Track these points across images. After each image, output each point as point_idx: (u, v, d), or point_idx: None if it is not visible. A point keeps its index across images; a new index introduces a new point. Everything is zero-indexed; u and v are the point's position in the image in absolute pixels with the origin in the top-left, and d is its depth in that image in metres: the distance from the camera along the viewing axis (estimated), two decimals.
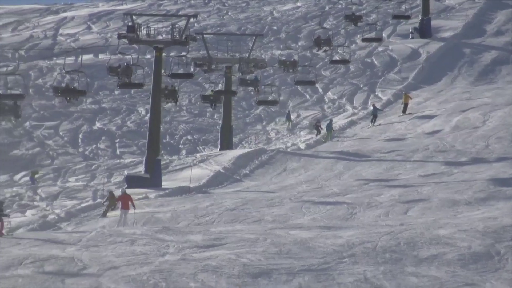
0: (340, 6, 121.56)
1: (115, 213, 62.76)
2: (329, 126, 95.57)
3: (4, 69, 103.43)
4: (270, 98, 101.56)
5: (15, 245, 51.08)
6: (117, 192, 58.65)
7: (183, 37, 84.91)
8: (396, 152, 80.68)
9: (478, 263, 46.62)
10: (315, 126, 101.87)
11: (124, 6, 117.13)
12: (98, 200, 73.25)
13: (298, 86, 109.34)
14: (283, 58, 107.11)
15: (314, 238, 52.76)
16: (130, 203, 59.18)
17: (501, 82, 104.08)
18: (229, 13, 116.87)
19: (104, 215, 56.20)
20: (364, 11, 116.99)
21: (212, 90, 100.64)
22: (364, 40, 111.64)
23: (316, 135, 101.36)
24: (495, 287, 42.63)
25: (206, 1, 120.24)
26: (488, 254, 47.69)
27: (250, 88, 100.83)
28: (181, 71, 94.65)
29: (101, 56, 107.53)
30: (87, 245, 52.23)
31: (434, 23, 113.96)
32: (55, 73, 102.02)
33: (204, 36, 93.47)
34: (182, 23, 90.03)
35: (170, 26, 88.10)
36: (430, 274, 44.74)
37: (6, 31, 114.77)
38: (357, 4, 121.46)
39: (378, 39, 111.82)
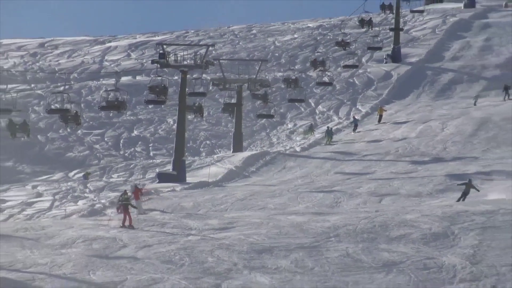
0: (328, 37, 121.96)
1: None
2: (330, 132, 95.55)
3: (62, 88, 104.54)
4: (272, 111, 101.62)
5: (69, 228, 54.30)
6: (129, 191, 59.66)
7: (203, 62, 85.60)
8: (372, 153, 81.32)
9: (437, 241, 49.62)
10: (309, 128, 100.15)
11: (157, 38, 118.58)
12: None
13: (296, 97, 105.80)
14: (285, 77, 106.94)
15: (307, 222, 54.57)
16: (139, 193, 62.11)
17: (456, 97, 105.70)
18: (240, 43, 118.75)
19: (118, 209, 54.70)
20: (348, 41, 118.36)
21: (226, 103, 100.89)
22: (344, 66, 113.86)
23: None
24: (451, 260, 44.09)
25: (221, 34, 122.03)
26: (445, 234, 50.93)
27: (257, 103, 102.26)
28: (201, 89, 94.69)
29: (138, 78, 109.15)
30: (127, 228, 52.85)
31: (403, 50, 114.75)
32: (101, 91, 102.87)
33: (220, 61, 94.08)
34: (203, 51, 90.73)
35: (193, 54, 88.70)
36: (399, 250, 48.12)
37: (63, 57, 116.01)
38: (344, 33, 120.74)
39: (355, 66, 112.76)
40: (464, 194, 55.61)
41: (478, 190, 56.49)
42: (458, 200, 56.79)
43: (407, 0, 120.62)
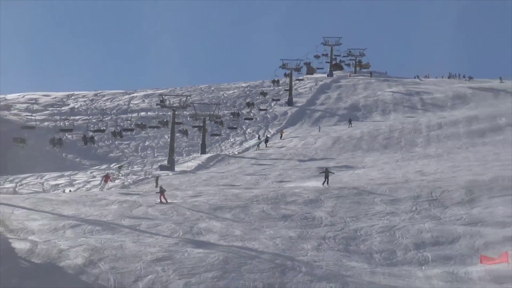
0: (254, 91, 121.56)
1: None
2: (258, 144, 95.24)
3: (104, 118, 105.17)
4: (222, 132, 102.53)
5: (110, 195, 55.57)
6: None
7: (184, 105, 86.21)
8: (277, 155, 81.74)
9: (312, 204, 51.90)
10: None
11: (159, 91, 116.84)
12: (146, 176, 75.68)
13: (233, 126, 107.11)
14: (231, 112, 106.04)
15: (241, 193, 55.95)
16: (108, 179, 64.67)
17: (322, 126, 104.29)
18: (205, 94, 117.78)
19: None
20: (266, 91, 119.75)
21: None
22: (259, 109, 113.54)
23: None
24: (319, 214, 48.84)
25: (194, 89, 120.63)
26: (317, 199, 52.87)
27: (213, 126, 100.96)
28: (182, 120, 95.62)
29: (149, 113, 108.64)
30: (144, 194, 53.72)
31: (294, 99, 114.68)
32: (128, 120, 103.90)
33: (194, 104, 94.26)
34: (184, 99, 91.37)
35: (179, 100, 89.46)
36: (291, 208, 51.11)
37: (107, 101, 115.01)
38: (262, 89, 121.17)
39: (265, 109, 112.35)
40: (326, 177, 56.01)
41: (333, 173, 58.52)
42: (323, 184, 56.34)
43: (297, 71, 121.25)
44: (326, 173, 53.57)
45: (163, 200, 50.52)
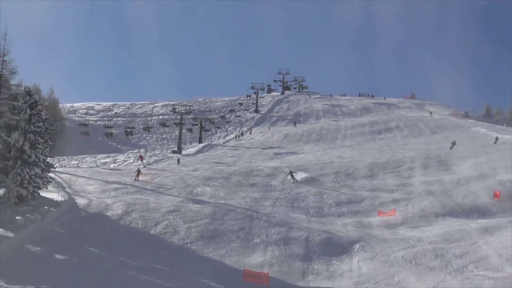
0: (234, 103, 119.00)
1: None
2: (237, 136, 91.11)
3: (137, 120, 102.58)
4: (213, 129, 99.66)
5: (126, 176, 51.40)
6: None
7: (188, 111, 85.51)
8: (247, 145, 79.98)
9: (272, 176, 50.26)
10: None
11: (172, 102, 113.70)
12: (163, 157, 72.73)
13: (219, 126, 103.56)
14: (220, 116, 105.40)
15: (224, 168, 53.89)
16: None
17: (277, 126, 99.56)
18: (201, 105, 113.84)
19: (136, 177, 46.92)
20: (243, 102, 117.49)
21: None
22: (236, 116, 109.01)
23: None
24: (277, 183, 47.12)
25: (194, 101, 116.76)
26: (273, 174, 49.51)
27: (207, 125, 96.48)
28: (189, 122, 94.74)
29: (165, 117, 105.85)
30: (162, 169, 52.77)
31: (259, 109, 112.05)
32: (151, 121, 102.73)
33: (195, 111, 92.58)
34: (189, 107, 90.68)
35: (185, 108, 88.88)
36: (257, 180, 49.93)
37: (138, 109, 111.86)
38: (239, 101, 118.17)
39: (239, 116, 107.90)
40: (292, 176, 48.02)
41: (296, 173, 49.52)
42: (292, 181, 47.88)
43: (262, 90, 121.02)
44: (291, 173, 48.03)
45: (137, 178, 46.47)
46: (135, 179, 45.44)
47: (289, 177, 47.99)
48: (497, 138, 60.36)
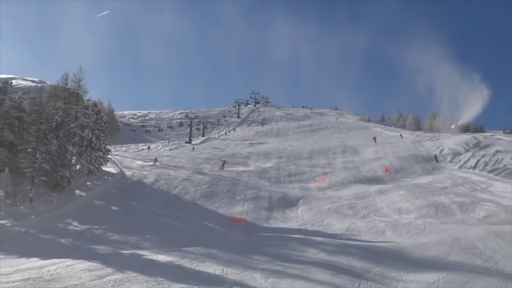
0: (224, 111, 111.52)
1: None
2: (226, 132, 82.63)
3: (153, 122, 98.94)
4: (209, 127, 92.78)
5: (163, 152, 49.60)
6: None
7: (196, 117, 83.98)
8: (232, 139, 75.46)
9: (246, 158, 46.31)
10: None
11: (185, 111, 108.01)
12: (181, 145, 68.03)
13: (215, 126, 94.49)
14: (216, 119, 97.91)
15: (218, 152, 50.96)
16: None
17: (252, 126, 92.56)
18: (204, 112, 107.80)
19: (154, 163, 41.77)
20: (230, 111, 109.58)
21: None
22: (224, 120, 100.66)
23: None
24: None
25: (200, 110, 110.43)
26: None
27: (209, 126, 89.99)
28: (197, 126, 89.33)
29: (181, 120, 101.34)
30: (180, 152, 51.44)
31: (241, 115, 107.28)
32: (171, 123, 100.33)
33: (199, 116, 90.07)
34: (195, 114, 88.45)
35: (194, 115, 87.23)
36: (238, 159, 44.82)
37: (155, 115, 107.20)
38: (229, 110, 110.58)
39: (226, 120, 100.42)
40: (223, 164, 42.06)
41: (227, 162, 43.24)
42: (222, 168, 41.98)
43: (243, 104, 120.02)
44: (223, 162, 42.18)
45: (155, 163, 41.60)
46: (153, 164, 41.54)
47: (222, 165, 42.09)
48: (375, 138, 55.97)
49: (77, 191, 31.72)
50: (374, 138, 55.40)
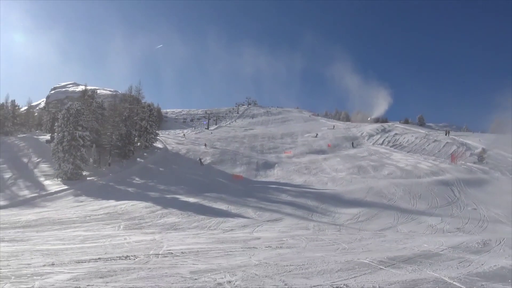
0: (221, 111, 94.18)
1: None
2: (230, 123, 70.21)
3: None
4: (209, 123, 78.26)
5: (191, 136, 46.29)
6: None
7: (211, 113, 78.46)
8: (233, 128, 66.52)
9: (236, 148, 38.27)
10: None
11: (205, 109, 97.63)
12: (201, 131, 58.70)
13: (223, 118, 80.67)
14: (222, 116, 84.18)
15: (220, 137, 46.09)
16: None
17: (246, 119, 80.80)
18: (213, 112, 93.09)
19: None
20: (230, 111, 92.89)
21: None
22: (230, 115, 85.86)
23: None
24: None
25: (211, 110, 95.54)
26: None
27: (217, 120, 76.45)
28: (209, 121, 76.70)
29: (201, 115, 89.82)
30: (200, 137, 47.56)
31: (239, 112, 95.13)
32: (197, 116, 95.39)
33: (211, 114, 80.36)
34: (209, 112, 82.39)
35: (209, 113, 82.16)
36: (232, 148, 39.15)
37: (192, 112, 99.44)
38: (228, 110, 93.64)
39: (231, 115, 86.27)
40: (200, 161, 29.34)
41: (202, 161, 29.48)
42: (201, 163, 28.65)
43: (240, 106, 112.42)
44: (200, 160, 30.96)
45: (206, 148, 34.32)
46: (205, 147, 33.38)
47: (200, 161, 29.39)
48: (317, 135, 46.31)
49: (138, 159, 31.41)
50: (316, 135, 45.87)
